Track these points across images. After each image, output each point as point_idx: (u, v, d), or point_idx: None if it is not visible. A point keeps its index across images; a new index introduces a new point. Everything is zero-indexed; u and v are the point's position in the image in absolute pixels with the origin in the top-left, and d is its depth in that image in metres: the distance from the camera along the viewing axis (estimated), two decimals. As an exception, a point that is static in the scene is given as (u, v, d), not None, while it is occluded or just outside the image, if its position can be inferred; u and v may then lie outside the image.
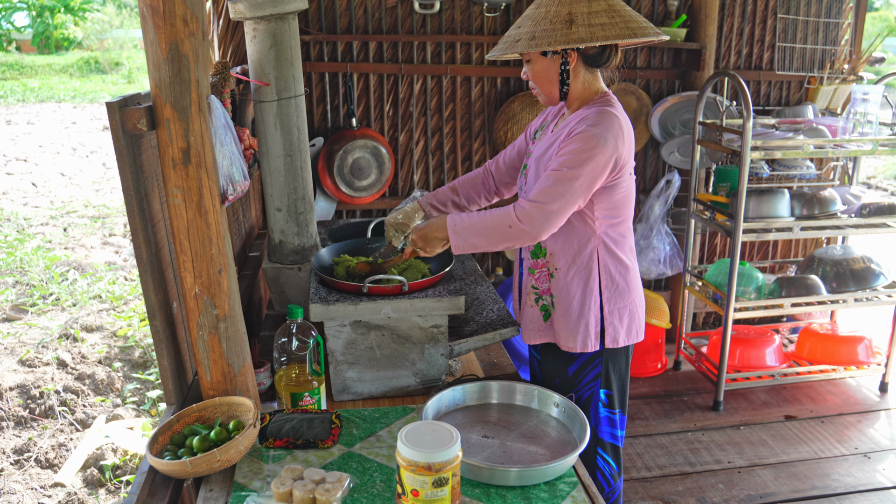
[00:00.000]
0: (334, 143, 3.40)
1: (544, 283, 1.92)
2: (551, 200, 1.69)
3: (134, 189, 1.45)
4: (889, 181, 9.09)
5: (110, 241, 6.69)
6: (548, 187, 1.70)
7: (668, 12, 3.75)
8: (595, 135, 1.71)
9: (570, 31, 1.68)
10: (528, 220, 1.70)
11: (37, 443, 3.36)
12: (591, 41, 1.67)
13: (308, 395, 1.72)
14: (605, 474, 2.02)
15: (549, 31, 1.70)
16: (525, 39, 1.73)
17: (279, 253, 2.21)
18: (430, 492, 1.26)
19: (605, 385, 1.94)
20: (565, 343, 1.90)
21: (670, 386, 3.79)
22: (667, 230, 3.82)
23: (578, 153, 1.70)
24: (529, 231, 1.71)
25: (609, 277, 1.86)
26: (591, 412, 1.96)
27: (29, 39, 24.27)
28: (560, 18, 1.70)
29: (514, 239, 1.73)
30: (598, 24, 1.69)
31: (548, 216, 1.70)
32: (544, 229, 1.71)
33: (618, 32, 1.68)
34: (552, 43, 1.69)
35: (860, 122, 3.41)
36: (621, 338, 1.90)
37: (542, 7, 1.75)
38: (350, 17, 3.46)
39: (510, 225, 1.71)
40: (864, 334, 3.80)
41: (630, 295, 1.90)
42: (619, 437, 2.02)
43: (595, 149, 1.70)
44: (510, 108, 3.61)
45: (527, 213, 1.70)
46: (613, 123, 1.74)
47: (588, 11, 1.70)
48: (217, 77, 1.91)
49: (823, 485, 2.96)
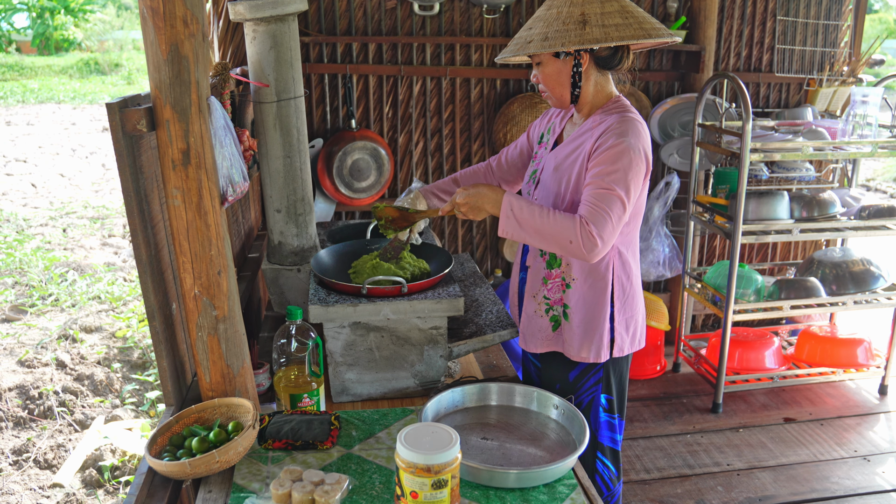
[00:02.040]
0: (334, 144, 3.41)
1: (557, 294, 1.89)
2: (612, 226, 1.67)
3: (133, 190, 1.45)
4: (888, 183, 9.10)
5: (110, 241, 6.69)
6: (604, 210, 1.66)
7: (668, 14, 3.75)
8: (630, 146, 1.69)
9: (584, 31, 1.66)
10: (590, 243, 1.65)
11: (35, 443, 3.36)
12: (606, 41, 1.65)
13: (307, 397, 1.72)
14: (604, 478, 2.02)
15: (561, 32, 1.68)
16: (537, 41, 1.70)
17: (278, 254, 2.21)
18: (429, 493, 1.26)
19: (605, 390, 1.94)
20: (578, 353, 1.88)
21: (669, 388, 3.78)
22: (666, 232, 3.82)
23: (619, 168, 1.68)
24: (586, 253, 1.66)
25: (621, 287, 1.86)
26: (592, 417, 1.95)
27: (29, 41, 24.27)
28: (573, 19, 1.68)
29: (567, 251, 1.68)
30: (612, 24, 1.67)
31: (606, 242, 1.67)
32: (600, 253, 1.68)
33: (632, 33, 1.66)
34: (566, 43, 1.66)
35: (859, 124, 3.42)
36: (626, 347, 1.91)
37: (554, 8, 1.73)
38: (350, 19, 3.46)
39: (571, 240, 1.66)
40: (864, 337, 3.80)
41: (636, 302, 1.91)
42: (618, 441, 2.02)
43: (633, 161, 1.69)
44: (510, 109, 3.61)
45: (589, 236, 1.65)
46: (638, 129, 1.73)
47: (601, 12, 1.68)
48: (217, 78, 1.91)
49: (822, 487, 2.96)
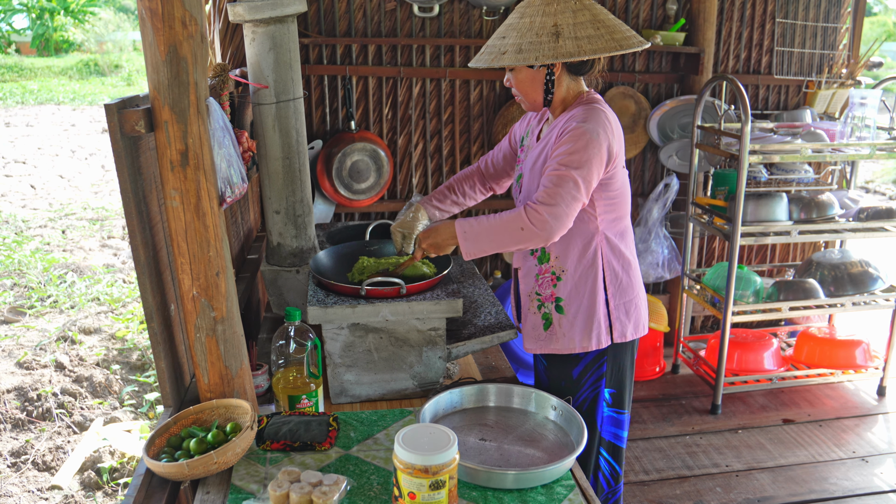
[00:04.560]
0: (333, 145, 3.41)
1: (547, 289, 1.91)
2: (559, 201, 1.70)
3: (132, 191, 1.45)
4: (887, 185, 9.10)
5: (109, 243, 6.69)
6: (552, 188, 1.71)
7: (667, 16, 3.75)
8: (587, 130, 1.73)
9: (558, 44, 1.70)
10: (540, 222, 1.70)
11: (34, 445, 3.35)
12: (579, 55, 1.69)
13: (306, 398, 1.72)
14: (605, 475, 2.02)
15: (535, 45, 1.71)
16: (511, 52, 1.73)
17: (277, 255, 2.21)
18: (427, 494, 1.26)
19: (609, 384, 1.96)
20: (580, 344, 1.90)
21: (668, 389, 3.79)
22: (665, 234, 3.83)
23: (574, 151, 1.72)
24: (540, 233, 1.70)
25: (613, 273, 1.89)
26: (597, 411, 1.96)
27: (28, 42, 24.24)
28: (546, 31, 1.71)
29: (525, 241, 1.73)
30: (584, 36, 1.70)
31: (558, 217, 1.70)
32: (555, 230, 1.71)
33: (603, 45, 1.70)
34: (540, 57, 1.70)
35: (858, 126, 3.42)
36: (629, 332, 1.93)
37: (526, 17, 1.75)
38: (349, 21, 3.47)
39: (522, 227, 1.71)
40: (862, 338, 3.80)
41: (633, 289, 1.93)
42: (622, 437, 2.03)
43: (589, 144, 1.72)
44: (509, 111, 3.61)
45: (538, 216, 1.70)
46: (600, 116, 1.76)
47: (573, 23, 1.72)
48: (216, 80, 1.91)
49: (821, 488, 2.96)
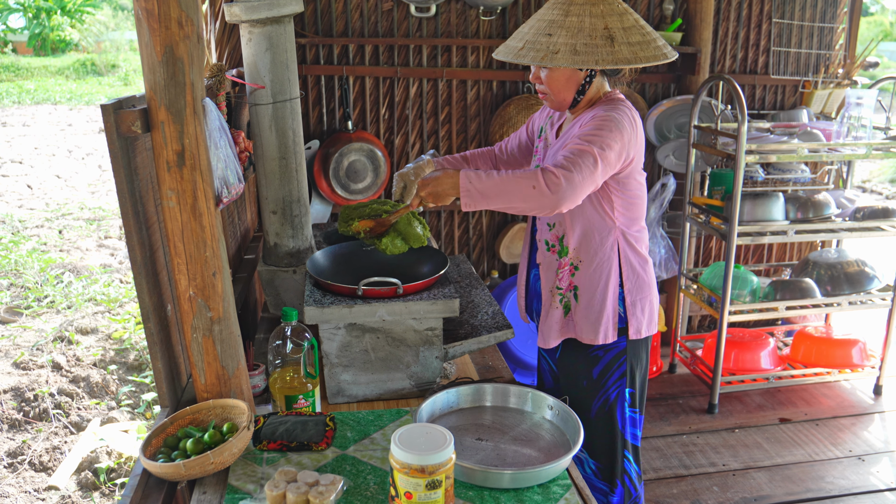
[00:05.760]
0: (330, 145, 3.41)
1: (567, 280, 1.93)
2: (577, 170, 1.65)
3: (128, 191, 1.45)
4: (883, 185, 9.13)
5: (105, 243, 6.68)
6: (572, 157, 1.67)
7: (664, 16, 3.76)
8: (613, 118, 1.73)
9: (614, 49, 1.68)
10: (554, 185, 1.64)
11: (31, 446, 3.35)
12: (636, 62, 1.68)
13: (302, 398, 1.72)
14: (631, 479, 2.02)
15: (591, 47, 1.68)
16: (566, 52, 1.69)
17: (274, 255, 2.21)
18: (423, 494, 1.27)
19: (629, 384, 1.97)
20: (587, 336, 1.91)
21: (665, 389, 3.79)
22: (662, 233, 3.83)
23: (598, 131, 1.71)
24: (551, 196, 1.64)
25: (630, 269, 1.90)
26: (618, 413, 1.97)
27: (25, 41, 24.18)
28: (598, 33, 1.69)
29: (532, 200, 1.66)
30: (635, 42, 1.69)
31: (572, 184, 1.64)
32: (566, 197, 1.65)
33: (651, 53, 1.70)
34: (599, 62, 1.67)
35: (854, 126, 3.43)
36: (644, 329, 1.94)
37: (573, 16, 1.71)
38: (346, 21, 3.47)
39: (534, 185, 1.64)
40: (858, 337, 3.81)
41: (650, 287, 1.95)
42: (638, 437, 2.05)
43: (613, 129, 1.71)
44: (506, 111, 3.61)
45: (553, 178, 1.64)
46: (627, 111, 1.77)
47: (622, 27, 1.70)
48: (212, 80, 1.91)
49: (818, 487, 2.97)
